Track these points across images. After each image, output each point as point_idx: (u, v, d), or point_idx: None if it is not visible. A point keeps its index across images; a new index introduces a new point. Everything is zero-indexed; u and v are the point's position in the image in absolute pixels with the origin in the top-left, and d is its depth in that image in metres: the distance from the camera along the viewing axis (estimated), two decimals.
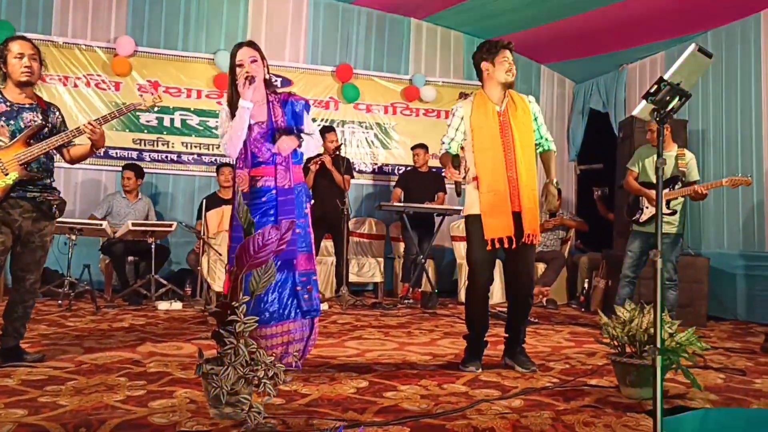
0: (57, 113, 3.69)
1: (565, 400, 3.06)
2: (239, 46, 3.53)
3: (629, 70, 8.02)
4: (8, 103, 3.49)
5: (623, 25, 7.06)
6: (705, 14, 6.50)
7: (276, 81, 7.90)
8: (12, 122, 3.46)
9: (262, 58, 3.50)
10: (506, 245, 3.65)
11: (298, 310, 3.39)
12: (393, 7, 8.26)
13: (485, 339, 3.87)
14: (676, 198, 5.26)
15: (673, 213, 5.31)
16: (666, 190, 5.26)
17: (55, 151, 3.61)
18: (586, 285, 7.22)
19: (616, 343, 3.30)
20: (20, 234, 3.49)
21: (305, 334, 3.47)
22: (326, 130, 6.99)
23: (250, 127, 3.38)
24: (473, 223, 3.72)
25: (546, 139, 3.94)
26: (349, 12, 8.28)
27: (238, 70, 3.43)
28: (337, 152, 6.85)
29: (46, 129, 3.55)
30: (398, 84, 8.47)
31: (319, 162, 6.70)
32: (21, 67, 3.46)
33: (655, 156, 5.33)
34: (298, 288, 3.36)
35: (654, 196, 5.22)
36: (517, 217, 3.67)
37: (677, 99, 2.26)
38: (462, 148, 3.88)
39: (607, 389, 3.32)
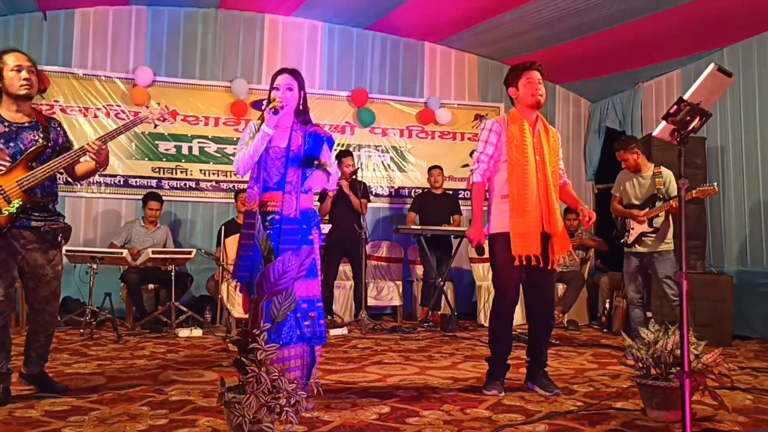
0: (58, 128, 3.51)
1: (591, 424, 3.02)
2: (282, 71, 3.49)
3: (645, 88, 7.99)
4: (6, 123, 3.29)
5: (638, 43, 7.06)
6: (720, 31, 6.48)
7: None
8: (11, 144, 3.27)
9: (300, 88, 3.46)
10: (533, 263, 3.62)
11: (297, 336, 3.23)
12: (407, 32, 8.32)
13: (507, 362, 3.84)
14: (657, 215, 5.42)
15: (655, 231, 5.44)
16: (646, 210, 5.48)
17: (62, 170, 3.42)
18: (607, 305, 7.14)
19: (640, 365, 3.25)
20: (27, 268, 3.35)
21: (305, 361, 3.29)
22: (343, 155, 7.02)
23: (268, 149, 3.34)
24: (500, 241, 3.69)
25: (563, 170, 3.96)
26: (364, 37, 8.35)
27: (273, 93, 3.40)
28: (354, 176, 6.88)
29: (48, 149, 3.36)
30: (413, 107, 8.50)
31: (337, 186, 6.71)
32: (20, 80, 3.28)
33: (634, 180, 5.62)
34: (299, 315, 3.22)
35: (636, 215, 5.49)
36: (545, 238, 3.67)
37: (697, 119, 2.25)
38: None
39: (633, 412, 3.27)
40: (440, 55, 8.63)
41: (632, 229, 5.55)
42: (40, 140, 3.34)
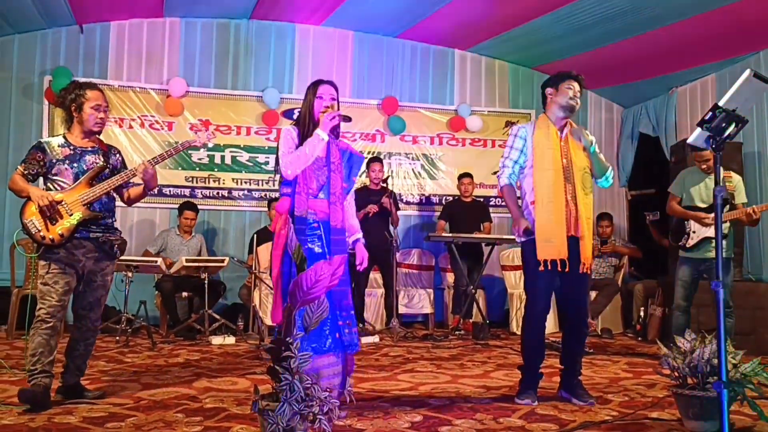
0: (117, 155, 3.82)
1: None
2: (322, 81, 3.54)
3: (679, 93, 7.88)
4: (72, 147, 3.62)
5: (671, 48, 6.97)
6: (756, 35, 6.37)
7: None
8: (75, 165, 3.59)
9: (338, 100, 3.54)
10: (559, 268, 3.62)
11: (337, 344, 3.26)
12: (437, 39, 8.33)
13: (540, 371, 3.81)
14: (726, 221, 5.08)
15: (724, 237, 5.13)
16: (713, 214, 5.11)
17: (114, 193, 3.72)
18: (642, 313, 7.04)
19: (677, 375, 3.21)
20: (83, 274, 3.59)
21: (341, 368, 3.30)
22: (372, 161, 7.05)
23: None
24: (530, 248, 3.69)
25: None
26: (394, 45, 8.38)
27: (317, 102, 3.43)
28: (385, 183, 6.89)
29: (107, 170, 3.67)
30: (444, 115, 8.50)
31: (368, 212, 6.72)
32: (96, 119, 3.62)
33: (703, 183, 5.29)
34: (340, 323, 3.26)
35: (702, 218, 5.12)
36: (573, 242, 3.65)
37: (733, 125, 2.22)
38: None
39: (669, 422, 3.23)
40: (470, 62, 8.62)
41: (693, 232, 5.22)
42: (101, 162, 3.65)
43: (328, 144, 3.39)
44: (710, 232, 5.12)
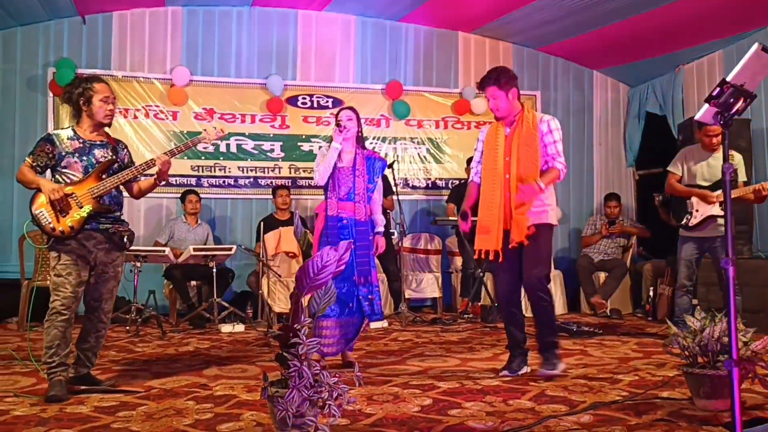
0: (125, 150, 3.84)
1: (637, 414, 2.98)
2: (342, 108, 4.52)
3: (686, 70, 7.81)
4: (81, 140, 3.63)
5: (677, 25, 6.89)
6: (763, 10, 6.28)
7: (327, 102, 8.02)
8: (85, 158, 3.60)
9: (358, 119, 4.37)
10: (492, 258, 3.96)
11: (358, 313, 4.22)
12: (440, 22, 8.26)
13: (522, 347, 4.04)
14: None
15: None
16: (718, 192, 5.07)
17: (122, 187, 3.74)
18: (651, 293, 7.02)
19: (687, 354, 3.19)
20: (95, 265, 3.61)
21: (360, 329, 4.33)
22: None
23: (339, 168, 4.28)
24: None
25: (553, 158, 3.98)
26: (397, 29, 8.32)
27: (337, 120, 4.33)
28: (391, 167, 6.87)
29: (116, 164, 3.69)
30: (448, 98, 8.45)
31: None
32: (106, 110, 3.63)
33: (706, 162, 5.24)
34: (360, 297, 4.19)
35: (708, 196, 5.08)
36: (507, 234, 3.94)
37: (741, 101, 2.19)
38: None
39: (680, 402, 3.22)
40: (474, 44, 8.56)
41: (696, 211, 5.17)
42: (110, 156, 3.68)
43: (355, 155, 4.31)
44: (714, 210, 5.09)
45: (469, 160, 7.52)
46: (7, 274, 6.79)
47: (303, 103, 8.02)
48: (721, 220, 5.05)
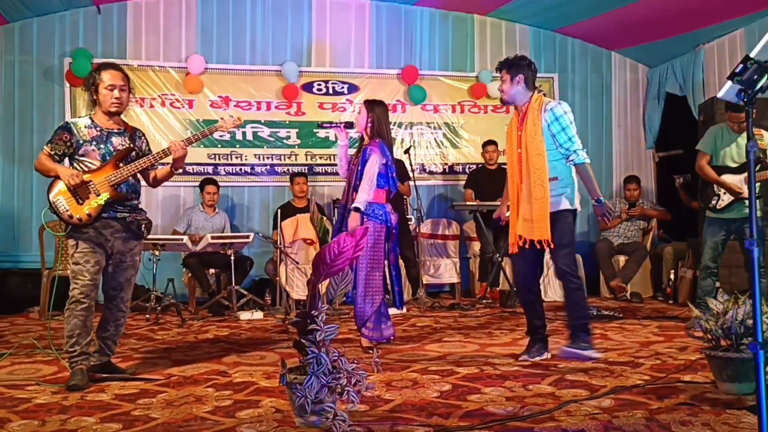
0: (142, 138, 3.83)
1: (659, 398, 2.95)
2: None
3: (706, 50, 7.66)
4: (98, 128, 3.63)
5: (697, 3, 6.75)
6: None
7: (342, 87, 7.99)
8: (102, 146, 3.61)
9: (368, 111, 4.56)
10: (527, 246, 3.93)
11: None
12: (456, 5, 8.17)
13: (542, 332, 4.05)
14: (758, 182, 4.93)
15: (757, 197, 5.00)
16: (743, 174, 5.00)
17: (140, 175, 3.74)
18: (672, 276, 6.94)
19: (709, 337, 3.15)
20: (112, 254, 3.62)
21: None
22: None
23: (350, 162, 4.63)
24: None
25: (567, 149, 3.90)
26: (412, 13, 8.25)
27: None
28: (407, 153, 6.83)
29: (134, 153, 3.69)
30: (465, 82, 8.37)
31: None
32: (111, 98, 3.60)
33: (735, 143, 5.14)
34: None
35: (730, 184, 5.00)
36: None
37: (766, 77, 2.13)
38: None
39: (702, 385, 3.18)
40: (490, 27, 8.46)
41: (724, 193, 5.11)
42: (127, 144, 3.67)
43: (364, 151, 4.49)
44: (744, 192, 5.00)
45: (486, 144, 7.53)
46: (29, 263, 6.86)
47: (318, 90, 7.99)
48: (747, 202, 4.97)
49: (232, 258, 6.23)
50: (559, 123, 3.86)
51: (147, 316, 5.86)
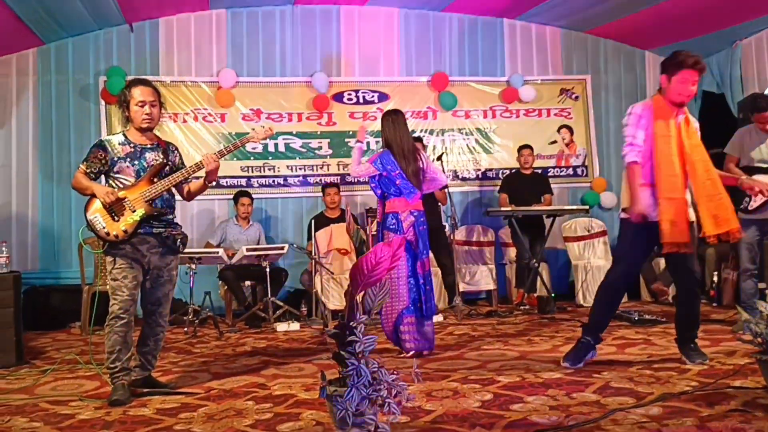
0: (176, 152, 3.86)
1: (709, 405, 2.86)
2: None
3: (743, 46, 7.50)
4: (132, 144, 3.66)
5: None
6: None
7: (372, 96, 7.99)
8: (136, 162, 3.64)
9: (381, 124, 4.77)
10: (683, 250, 3.74)
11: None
12: (484, 10, 8.13)
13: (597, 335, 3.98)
14: None
15: None
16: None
17: (174, 189, 3.76)
18: (715, 278, 6.78)
19: (759, 341, 3.05)
20: (149, 269, 3.65)
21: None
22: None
23: None
24: (632, 225, 3.81)
25: None
26: (441, 19, 8.22)
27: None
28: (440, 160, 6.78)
29: (167, 167, 3.71)
30: (495, 87, 8.31)
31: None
32: (142, 114, 3.62)
33: (764, 143, 5.04)
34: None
35: (752, 187, 4.86)
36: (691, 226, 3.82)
37: None
38: None
39: (754, 390, 3.08)
40: (520, 30, 8.39)
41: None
42: (161, 159, 3.69)
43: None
44: None
45: (521, 148, 7.43)
46: (70, 280, 6.98)
47: (349, 99, 8.00)
48: None
49: (268, 270, 6.25)
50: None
51: (185, 329, 5.90)
